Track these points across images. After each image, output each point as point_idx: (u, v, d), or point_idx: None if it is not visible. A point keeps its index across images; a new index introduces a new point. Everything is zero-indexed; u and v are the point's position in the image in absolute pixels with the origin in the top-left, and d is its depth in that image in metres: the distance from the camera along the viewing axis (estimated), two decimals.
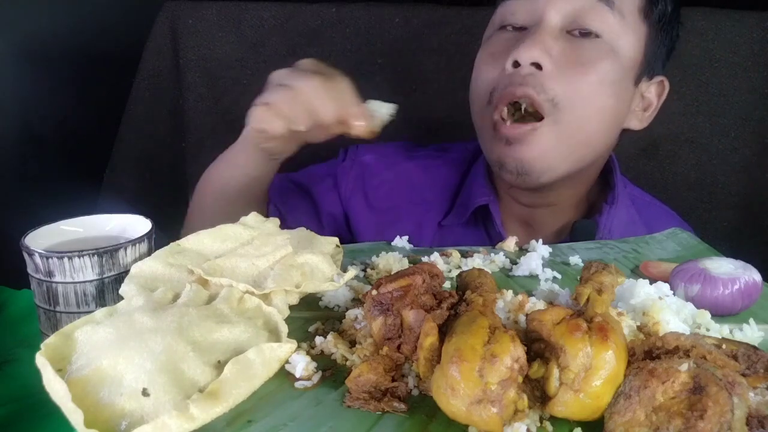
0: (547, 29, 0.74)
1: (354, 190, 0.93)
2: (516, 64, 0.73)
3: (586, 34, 0.74)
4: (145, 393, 0.39)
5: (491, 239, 0.85)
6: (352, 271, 0.55)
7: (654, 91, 0.83)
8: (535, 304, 0.50)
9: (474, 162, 0.91)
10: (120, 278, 0.53)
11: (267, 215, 0.86)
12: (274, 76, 0.70)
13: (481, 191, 0.86)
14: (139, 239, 0.56)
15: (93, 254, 0.53)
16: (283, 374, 0.45)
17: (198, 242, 0.57)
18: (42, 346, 0.42)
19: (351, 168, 0.94)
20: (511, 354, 0.38)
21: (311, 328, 0.52)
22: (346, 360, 0.47)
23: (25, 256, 0.54)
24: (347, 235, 0.94)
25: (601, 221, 0.82)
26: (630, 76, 0.77)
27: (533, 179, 0.76)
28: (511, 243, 0.72)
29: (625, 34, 0.75)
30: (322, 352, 0.48)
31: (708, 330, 0.50)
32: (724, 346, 0.42)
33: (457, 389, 0.37)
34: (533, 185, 0.78)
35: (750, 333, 0.50)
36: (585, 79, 0.73)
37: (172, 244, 0.56)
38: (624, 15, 0.75)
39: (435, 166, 0.94)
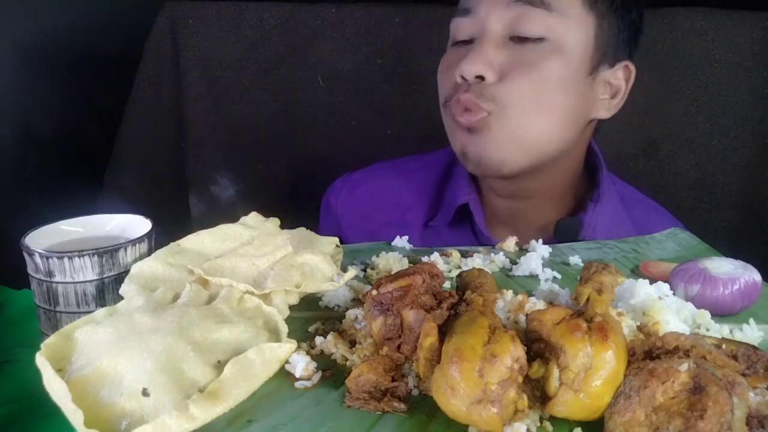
0: (490, 40, 0.76)
1: (345, 206, 0.98)
2: (462, 77, 0.76)
3: (529, 39, 0.75)
4: (145, 393, 0.39)
5: (477, 238, 0.86)
6: (352, 271, 0.55)
7: (621, 77, 0.82)
8: (535, 304, 0.50)
9: (454, 164, 0.93)
10: (120, 278, 0.53)
11: None
12: None
13: (462, 191, 0.87)
14: (139, 239, 0.56)
15: (93, 254, 0.53)
16: (283, 374, 0.45)
17: (198, 242, 0.57)
18: (42, 346, 0.42)
19: (342, 186, 0.99)
20: (511, 354, 0.38)
21: (311, 328, 0.52)
22: (346, 360, 0.47)
23: (25, 256, 0.54)
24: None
25: (585, 219, 0.82)
26: (581, 70, 0.77)
27: (493, 170, 0.78)
28: (511, 243, 0.72)
29: (569, 31, 0.75)
30: (322, 352, 0.48)
31: (708, 330, 0.50)
32: (724, 346, 0.42)
33: (457, 389, 0.37)
34: (496, 176, 0.80)
35: (750, 333, 0.50)
36: (527, 79, 0.74)
37: (172, 244, 0.56)
38: (565, 13, 0.75)
39: (413, 170, 0.98)
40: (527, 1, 0.74)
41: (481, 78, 0.75)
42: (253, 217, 0.63)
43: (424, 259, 0.65)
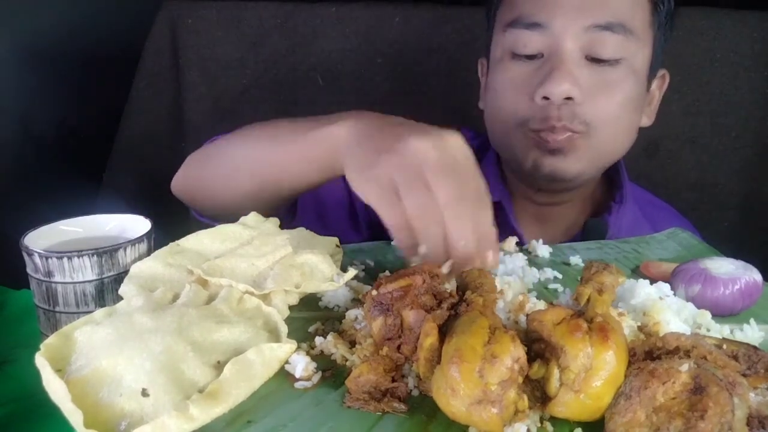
0: (569, 59, 0.74)
1: None
2: (546, 98, 0.74)
3: (605, 61, 0.75)
4: (144, 393, 0.39)
5: (504, 235, 0.86)
6: (352, 271, 0.55)
7: (656, 85, 0.85)
8: (535, 304, 0.50)
9: (481, 158, 0.92)
10: (119, 278, 0.53)
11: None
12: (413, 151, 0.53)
13: (493, 188, 0.86)
14: (139, 239, 0.56)
15: (92, 254, 0.53)
16: (283, 374, 0.44)
17: (197, 242, 0.57)
18: (41, 346, 0.42)
19: None
20: (512, 354, 0.37)
21: (311, 329, 0.52)
22: (346, 360, 0.47)
23: (25, 256, 0.54)
24: (351, 223, 0.90)
25: (610, 220, 0.84)
26: (644, 85, 0.80)
27: (565, 183, 0.80)
28: (511, 243, 0.71)
29: (639, 51, 0.77)
30: (322, 352, 0.48)
31: (708, 330, 0.50)
32: (724, 347, 0.42)
33: (457, 390, 0.37)
34: (561, 189, 0.82)
35: (750, 333, 0.50)
36: (612, 102, 0.75)
37: (171, 244, 0.56)
38: (638, 35, 0.76)
39: None
40: (606, 26, 0.73)
41: (568, 98, 0.74)
42: (253, 217, 0.62)
43: None
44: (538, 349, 0.41)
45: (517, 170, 0.83)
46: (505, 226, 0.86)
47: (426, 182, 0.52)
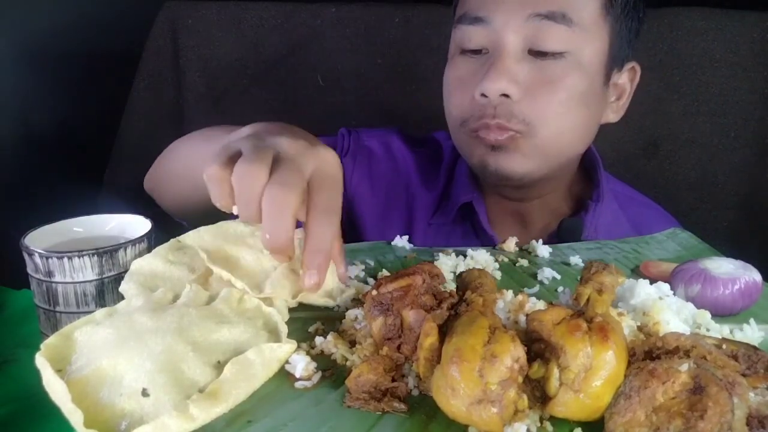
0: (509, 54, 0.73)
1: (361, 175, 0.92)
2: (484, 96, 0.73)
3: (548, 54, 0.73)
4: (144, 393, 0.39)
5: (478, 236, 0.85)
6: (350, 290, 0.55)
7: (626, 78, 0.82)
8: (535, 304, 0.50)
9: (456, 158, 0.91)
10: (120, 278, 0.53)
11: None
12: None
13: (464, 189, 0.86)
14: (139, 239, 0.56)
15: (93, 254, 0.53)
16: (283, 374, 0.45)
17: (198, 239, 0.56)
18: (42, 346, 0.42)
19: (357, 152, 0.93)
20: (511, 354, 0.38)
21: (311, 329, 0.52)
22: (346, 360, 0.47)
23: (25, 256, 0.54)
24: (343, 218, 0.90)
25: (587, 219, 0.82)
26: (599, 80, 0.77)
27: (514, 182, 0.77)
28: (511, 243, 0.72)
29: (588, 44, 0.74)
30: (322, 352, 0.48)
31: (708, 330, 0.50)
32: (724, 347, 0.42)
33: (457, 389, 0.37)
34: (516, 186, 0.80)
35: (750, 333, 0.50)
36: (554, 98, 0.73)
37: (172, 240, 0.56)
38: (584, 26, 0.73)
39: (429, 162, 0.94)
40: (548, 16, 0.71)
41: (505, 96, 0.72)
42: None
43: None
44: (538, 348, 0.41)
45: (475, 170, 0.81)
46: (477, 227, 0.85)
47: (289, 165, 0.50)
